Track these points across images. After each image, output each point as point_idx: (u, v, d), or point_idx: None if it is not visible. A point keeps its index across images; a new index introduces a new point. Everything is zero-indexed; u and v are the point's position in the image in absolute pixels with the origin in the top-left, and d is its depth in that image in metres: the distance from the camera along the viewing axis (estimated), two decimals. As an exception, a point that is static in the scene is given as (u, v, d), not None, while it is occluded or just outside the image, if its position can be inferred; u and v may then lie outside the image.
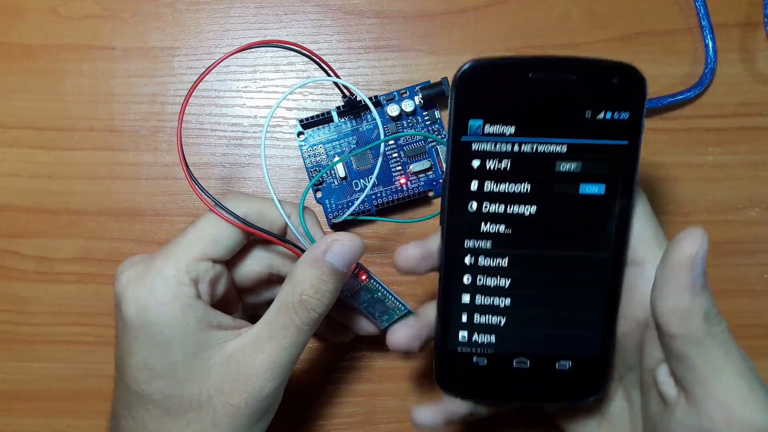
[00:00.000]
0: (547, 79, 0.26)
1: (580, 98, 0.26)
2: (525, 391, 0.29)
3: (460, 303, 0.28)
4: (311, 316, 0.28)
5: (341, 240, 0.28)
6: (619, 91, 0.26)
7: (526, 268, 0.28)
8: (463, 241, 0.28)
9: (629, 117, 0.26)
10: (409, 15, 0.38)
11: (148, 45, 0.38)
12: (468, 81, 0.26)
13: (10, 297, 0.37)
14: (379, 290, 0.31)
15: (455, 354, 0.29)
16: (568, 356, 0.28)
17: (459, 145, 0.26)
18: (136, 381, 0.27)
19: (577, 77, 0.26)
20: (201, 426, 0.27)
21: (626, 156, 0.26)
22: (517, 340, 0.28)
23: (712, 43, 0.37)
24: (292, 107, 0.38)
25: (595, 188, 0.27)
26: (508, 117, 0.26)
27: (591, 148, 0.26)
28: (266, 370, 0.27)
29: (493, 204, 0.27)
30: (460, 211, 0.27)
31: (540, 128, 0.26)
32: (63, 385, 0.37)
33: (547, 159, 0.26)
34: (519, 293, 0.28)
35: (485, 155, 0.26)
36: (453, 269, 0.28)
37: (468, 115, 0.26)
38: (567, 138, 0.26)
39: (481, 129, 0.26)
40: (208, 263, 0.28)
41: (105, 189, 0.37)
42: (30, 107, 0.38)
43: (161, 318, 0.26)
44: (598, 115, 0.26)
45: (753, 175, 0.37)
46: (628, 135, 0.26)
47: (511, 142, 0.26)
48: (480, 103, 0.26)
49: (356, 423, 0.37)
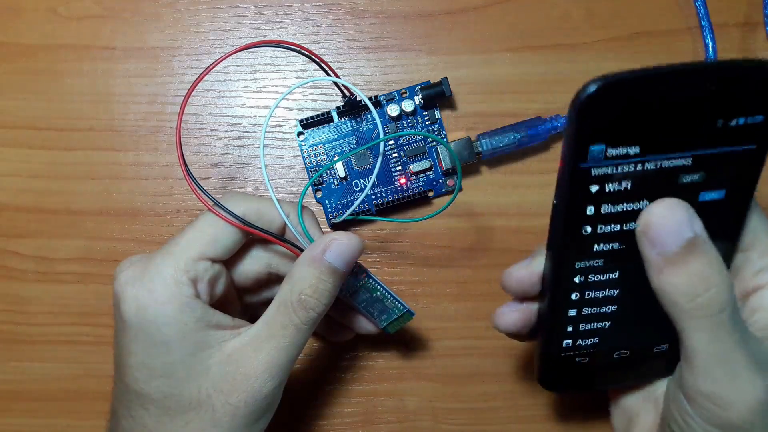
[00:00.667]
0: (682, 92, 0.23)
1: (713, 107, 0.23)
2: (623, 376, 0.29)
3: (567, 316, 0.28)
4: (310, 316, 0.28)
5: (340, 239, 0.28)
6: (755, 94, 0.23)
7: (634, 276, 0.26)
8: (575, 263, 0.26)
9: (763, 120, 0.23)
10: (409, 15, 0.38)
11: (148, 45, 0.38)
12: (593, 105, 0.23)
13: (10, 297, 0.37)
14: (378, 290, 0.31)
15: (559, 358, 0.29)
16: (665, 340, 0.28)
17: (576, 172, 0.24)
18: (135, 380, 0.27)
19: (715, 86, 0.23)
20: (200, 425, 0.27)
21: (753, 159, 0.24)
22: (619, 338, 0.28)
23: (712, 43, 0.37)
24: (292, 107, 0.38)
25: (715, 194, 0.25)
26: (632, 138, 0.23)
27: (718, 157, 0.24)
28: (265, 370, 0.27)
29: (609, 225, 0.25)
30: (573, 236, 0.26)
31: (666, 144, 0.24)
32: (63, 385, 0.37)
33: (671, 173, 0.24)
34: (625, 300, 0.28)
35: (604, 179, 0.24)
36: (561, 289, 0.27)
37: (589, 142, 0.23)
38: (694, 150, 0.24)
39: (602, 154, 0.23)
40: (207, 263, 0.28)
41: (105, 189, 0.37)
42: (30, 107, 0.38)
43: (160, 318, 0.27)
44: (731, 122, 0.23)
45: (753, 175, 0.37)
46: (757, 138, 0.24)
47: (634, 163, 0.24)
48: (603, 126, 0.23)
49: (356, 423, 0.37)
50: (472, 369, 0.37)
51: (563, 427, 0.36)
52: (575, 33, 0.38)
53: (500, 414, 0.37)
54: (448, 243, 0.37)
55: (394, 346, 0.37)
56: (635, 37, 0.37)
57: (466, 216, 0.37)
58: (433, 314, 0.37)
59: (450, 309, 0.37)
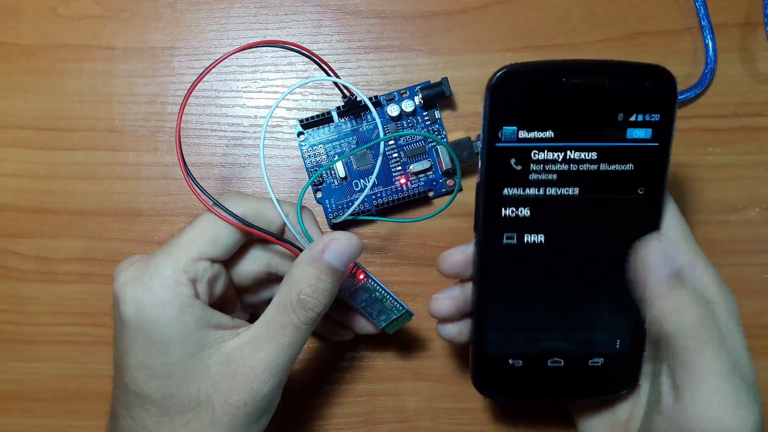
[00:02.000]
0: (581, 83, 0.26)
1: (612, 102, 0.26)
2: (559, 388, 0.30)
3: (495, 309, 0.29)
4: (309, 316, 0.28)
5: (339, 239, 0.28)
6: (651, 93, 0.26)
7: (558, 273, 0.28)
8: (496, 245, 0.28)
9: (660, 119, 0.26)
10: (409, 15, 0.38)
11: (148, 45, 0.38)
12: (502, 88, 0.26)
13: (10, 297, 0.37)
14: (377, 290, 0.31)
15: (491, 358, 0.29)
16: (600, 354, 0.29)
17: (493, 151, 0.27)
18: (134, 381, 0.27)
19: (610, 81, 0.26)
20: (200, 425, 0.27)
21: (657, 157, 0.27)
22: (551, 342, 0.29)
23: (712, 43, 0.37)
24: (292, 107, 0.38)
25: (626, 190, 0.27)
26: (542, 123, 0.26)
27: (623, 151, 0.27)
28: (265, 370, 0.27)
29: (525, 207, 0.27)
30: (493, 215, 0.28)
31: (573, 133, 0.26)
32: (63, 385, 0.37)
33: (581, 163, 0.27)
34: (552, 298, 0.29)
35: (519, 161, 0.27)
36: (487, 275, 0.28)
37: (502, 122, 0.26)
38: (599, 142, 0.27)
39: (515, 135, 0.26)
40: (206, 263, 0.28)
41: (105, 189, 0.37)
42: (30, 107, 0.38)
43: (159, 318, 0.27)
44: (630, 117, 0.26)
45: (753, 175, 0.37)
46: (659, 136, 0.27)
47: (544, 148, 0.27)
48: (513, 109, 0.26)
49: (356, 423, 0.37)
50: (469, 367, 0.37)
51: (563, 427, 0.36)
52: (575, 33, 0.38)
53: (500, 414, 0.37)
54: (448, 243, 0.37)
55: (393, 346, 0.37)
56: (635, 37, 0.37)
57: (466, 216, 0.37)
58: (433, 314, 0.37)
59: (450, 309, 0.37)
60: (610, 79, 0.26)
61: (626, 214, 0.27)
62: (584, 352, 0.29)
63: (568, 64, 0.26)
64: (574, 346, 0.29)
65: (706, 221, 0.37)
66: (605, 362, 0.29)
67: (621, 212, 0.27)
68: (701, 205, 0.37)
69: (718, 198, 0.37)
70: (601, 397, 0.30)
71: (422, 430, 0.37)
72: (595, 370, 0.29)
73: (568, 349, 0.29)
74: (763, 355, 0.36)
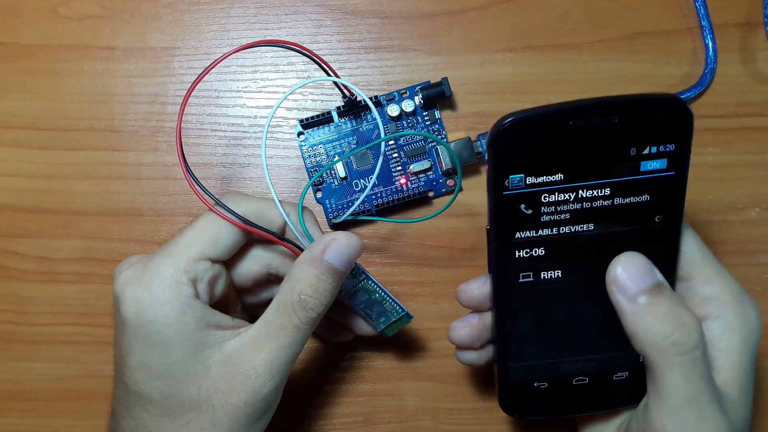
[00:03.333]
0: (589, 125, 0.25)
1: (623, 138, 0.25)
2: (584, 403, 0.30)
3: (517, 341, 0.29)
4: (310, 316, 0.28)
5: (340, 239, 0.28)
6: (663, 124, 0.25)
7: (577, 302, 0.28)
8: (514, 285, 0.28)
9: (675, 148, 0.25)
10: (409, 15, 0.38)
11: (148, 45, 0.38)
12: (507, 139, 0.25)
13: (10, 297, 0.37)
14: (377, 292, 0.31)
15: (517, 382, 0.29)
16: (624, 368, 0.29)
17: (501, 199, 0.26)
18: (134, 381, 0.27)
19: (620, 117, 0.25)
20: (200, 425, 0.27)
21: (673, 186, 0.26)
22: (575, 364, 0.29)
23: (712, 43, 0.37)
24: (292, 107, 0.38)
25: (642, 221, 0.26)
26: (549, 167, 0.25)
27: (637, 183, 0.26)
28: (265, 370, 0.27)
29: (538, 248, 0.27)
30: (506, 259, 0.27)
31: (584, 173, 0.26)
32: (63, 385, 0.37)
33: (594, 200, 0.26)
34: (573, 325, 0.28)
35: (528, 205, 0.26)
36: (506, 311, 0.28)
37: (508, 172, 0.25)
38: (612, 178, 0.26)
39: (522, 182, 0.26)
40: (207, 263, 0.28)
41: (105, 189, 0.37)
42: (30, 107, 0.38)
43: (159, 318, 0.26)
44: (644, 150, 0.25)
45: (753, 175, 0.37)
46: (674, 165, 0.26)
47: (555, 190, 0.26)
48: (519, 157, 0.25)
49: (356, 423, 0.37)
50: (472, 369, 0.37)
51: (563, 427, 0.36)
52: (575, 33, 0.38)
53: (500, 414, 0.37)
54: (448, 243, 0.37)
55: (394, 346, 0.37)
56: (635, 37, 0.37)
57: (466, 216, 0.37)
58: (433, 314, 0.37)
59: (450, 309, 0.37)
60: (619, 115, 0.25)
61: (644, 242, 0.27)
62: (609, 369, 0.29)
63: (573, 107, 0.25)
64: (597, 365, 0.29)
65: (706, 221, 0.37)
66: (629, 375, 0.29)
67: (638, 241, 0.27)
68: (701, 205, 0.37)
69: (718, 198, 0.37)
70: (627, 405, 0.30)
71: (422, 430, 0.37)
72: (620, 383, 0.29)
73: (592, 368, 0.29)
74: (763, 356, 0.36)
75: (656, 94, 0.25)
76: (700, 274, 0.27)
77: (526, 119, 0.25)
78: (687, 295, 0.28)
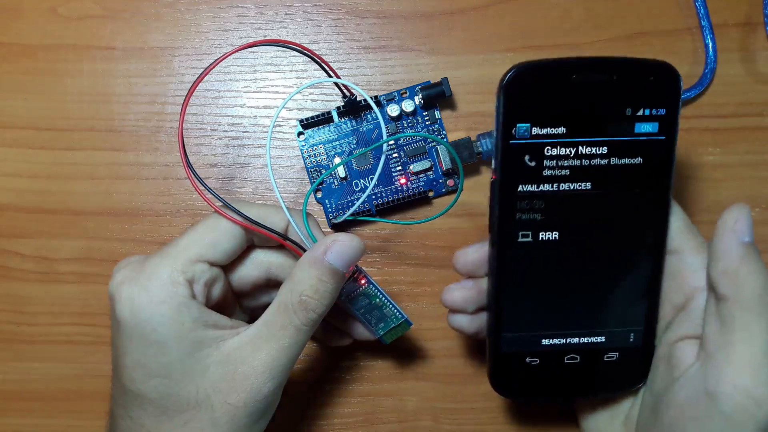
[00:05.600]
0: (590, 80, 0.27)
1: (620, 96, 0.27)
2: (575, 385, 0.30)
3: (511, 307, 0.29)
4: (310, 317, 0.28)
5: (341, 240, 0.28)
6: (656, 88, 0.27)
7: (572, 269, 0.29)
8: (513, 245, 0.28)
9: (666, 113, 0.27)
10: (409, 15, 0.38)
11: (148, 45, 0.38)
12: (514, 86, 0.27)
13: (10, 297, 0.37)
14: (377, 296, 0.31)
15: (508, 356, 0.30)
16: (615, 348, 0.30)
17: (508, 148, 0.27)
18: (131, 380, 0.27)
19: (618, 76, 0.27)
20: (199, 425, 0.27)
21: (664, 151, 0.28)
22: (567, 338, 0.29)
23: (712, 43, 0.37)
24: (292, 107, 0.38)
25: (635, 185, 0.28)
26: (553, 119, 0.27)
27: (631, 145, 0.27)
28: (265, 370, 0.27)
29: (541, 206, 0.28)
30: (508, 212, 0.28)
31: (583, 129, 0.27)
32: (63, 385, 0.37)
33: (592, 158, 0.28)
34: (566, 294, 0.29)
35: (532, 157, 0.27)
36: (503, 274, 0.29)
37: (515, 120, 0.27)
38: (609, 137, 0.27)
39: (528, 132, 0.27)
40: (205, 265, 0.28)
41: (105, 189, 0.37)
42: (30, 107, 0.38)
43: (155, 317, 0.26)
44: (638, 111, 0.27)
45: (753, 175, 0.37)
46: (665, 130, 0.27)
47: (557, 144, 0.27)
48: (526, 107, 0.27)
49: (356, 423, 0.37)
50: (472, 369, 0.37)
51: (564, 427, 0.36)
52: (575, 33, 0.38)
53: (500, 414, 0.37)
54: (448, 243, 0.37)
55: (394, 347, 0.37)
56: (635, 37, 0.37)
57: (466, 216, 0.37)
58: (433, 315, 0.37)
59: (450, 309, 0.37)
60: (617, 74, 0.27)
61: (635, 209, 0.28)
62: (600, 347, 0.30)
63: (576, 61, 0.27)
64: (589, 340, 0.29)
65: (706, 221, 0.37)
66: (620, 356, 0.30)
67: (630, 207, 0.28)
68: (701, 205, 0.37)
69: (718, 198, 0.37)
70: (616, 392, 0.31)
71: (422, 430, 0.37)
72: (611, 365, 0.30)
73: (583, 344, 0.29)
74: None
75: (651, 59, 0.28)
76: (687, 246, 0.28)
77: (533, 67, 0.27)
78: (680, 267, 0.28)
